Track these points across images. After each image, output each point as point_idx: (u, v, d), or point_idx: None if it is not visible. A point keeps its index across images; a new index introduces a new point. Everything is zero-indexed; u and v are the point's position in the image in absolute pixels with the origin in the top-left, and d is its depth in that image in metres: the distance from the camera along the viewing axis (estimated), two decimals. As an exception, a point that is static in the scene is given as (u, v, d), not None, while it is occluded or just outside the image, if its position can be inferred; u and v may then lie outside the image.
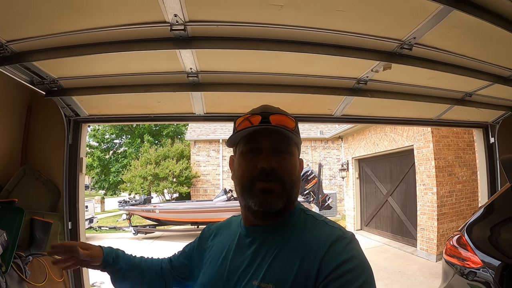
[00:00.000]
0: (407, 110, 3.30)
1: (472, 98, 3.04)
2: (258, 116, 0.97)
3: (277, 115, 0.98)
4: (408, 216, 8.22)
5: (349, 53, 1.98)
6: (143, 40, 1.80)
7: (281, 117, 0.98)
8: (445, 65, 2.23)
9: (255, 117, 0.98)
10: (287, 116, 1.00)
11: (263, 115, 0.97)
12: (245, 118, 0.99)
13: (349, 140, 11.79)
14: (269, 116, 0.97)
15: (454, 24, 1.73)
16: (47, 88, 2.36)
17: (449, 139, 7.15)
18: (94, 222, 12.40)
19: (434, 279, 5.58)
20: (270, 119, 0.96)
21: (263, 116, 0.97)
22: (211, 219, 10.78)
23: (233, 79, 2.43)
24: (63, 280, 2.68)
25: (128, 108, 2.87)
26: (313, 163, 16.32)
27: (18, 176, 2.51)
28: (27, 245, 2.41)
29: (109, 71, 2.25)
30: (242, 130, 0.96)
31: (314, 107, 3.06)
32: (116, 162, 20.45)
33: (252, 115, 0.99)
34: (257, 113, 0.99)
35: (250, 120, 0.98)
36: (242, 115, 1.02)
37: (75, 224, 2.84)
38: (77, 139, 2.86)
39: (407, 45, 1.93)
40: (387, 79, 2.54)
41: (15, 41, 1.76)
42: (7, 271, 2.06)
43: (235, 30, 1.78)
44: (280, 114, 0.99)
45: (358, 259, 0.84)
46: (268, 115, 0.97)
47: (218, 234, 1.13)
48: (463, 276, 2.56)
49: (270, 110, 1.00)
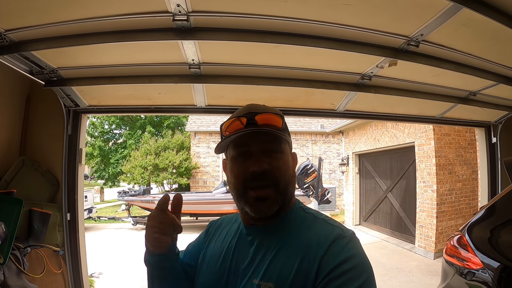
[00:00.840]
0: (410, 107, 3.28)
1: (477, 97, 3.03)
2: (244, 118, 0.94)
3: (263, 114, 0.95)
4: (407, 213, 8.22)
5: (354, 48, 1.96)
6: (145, 30, 1.77)
7: (267, 116, 0.95)
8: (451, 63, 2.20)
9: (241, 119, 0.94)
10: (274, 114, 0.96)
11: (249, 116, 0.94)
12: (231, 122, 0.96)
13: (350, 134, 11.76)
14: (255, 116, 0.94)
15: (463, 22, 1.71)
16: (47, 78, 2.33)
17: (450, 137, 7.12)
18: (93, 212, 12.41)
19: (431, 276, 5.61)
20: (256, 120, 0.93)
21: (248, 117, 0.94)
22: (210, 211, 10.83)
23: (235, 71, 2.40)
24: (62, 271, 2.68)
25: (129, 99, 2.84)
26: (313, 157, 16.31)
27: (17, 166, 2.50)
28: (25, 237, 2.41)
29: (109, 61, 2.21)
30: (228, 136, 0.94)
31: (317, 102, 3.03)
32: (116, 153, 20.44)
33: (238, 118, 0.95)
34: (242, 115, 0.95)
35: (237, 122, 0.95)
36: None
37: (74, 215, 2.83)
38: (77, 130, 2.83)
39: (414, 41, 1.90)
40: (391, 75, 2.51)
41: (14, 30, 1.73)
42: (5, 263, 2.06)
43: (239, 22, 1.75)
44: (266, 113, 0.96)
45: (358, 258, 0.82)
46: (254, 115, 0.94)
47: (219, 231, 1.11)
48: (462, 276, 2.56)
49: (255, 110, 0.97)
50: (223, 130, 0.97)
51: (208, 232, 1.16)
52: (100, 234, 10.46)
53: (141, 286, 5.53)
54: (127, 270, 6.50)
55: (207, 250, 1.08)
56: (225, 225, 1.12)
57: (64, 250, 2.74)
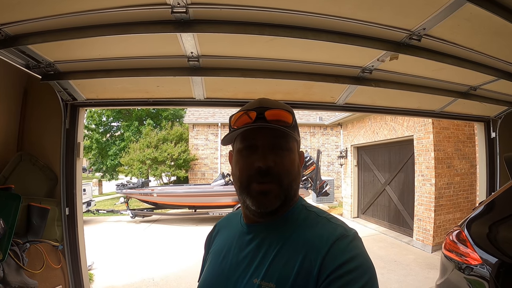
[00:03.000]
0: (410, 101, 3.27)
1: (477, 92, 3.02)
2: (253, 112, 0.94)
3: (274, 109, 0.94)
4: (405, 206, 8.24)
5: (355, 41, 1.94)
6: (143, 23, 1.74)
7: (277, 112, 0.94)
8: (452, 58, 2.19)
9: (250, 113, 0.94)
10: (284, 110, 0.96)
11: (258, 110, 0.94)
12: (240, 115, 0.95)
13: (348, 127, 11.74)
14: (265, 111, 0.93)
15: (465, 17, 1.69)
16: (43, 72, 2.30)
17: (449, 131, 7.11)
18: (92, 205, 12.40)
19: (429, 270, 5.64)
20: (265, 115, 0.93)
21: (258, 112, 0.93)
22: (208, 203, 10.86)
23: (235, 64, 2.38)
24: (61, 266, 2.68)
25: (127, 92, 2.82)
26: (312, 149, 16.36)
27: (14, 162, 2.48)
28: (24, 232, 2.40)
29: (107, 55, 2.19)
30: (237, 129, 0.93)
31: (317, 95, 3.02)
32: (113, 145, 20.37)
33: (247, 111, 0.95)
34: (252, 109, 0.95)
35: (246, 116, 0.94)
36: (242, 101, 0.98)
37: (72, 210, 2.83)
38: (74, 124, 2.81)
39: (416, 36, 1.88)
40: (392, 69, 2.50)
41: (9, 24, 1.70)
42: (5, 259, 2.05)
43: (239, 14, 1.72)
44: (276, 108, 0.95)
45: (361, 258, 0.81)
46: (264, 110, 0.93)
47: (221, 231, 1.11)
48: (461, 270, 2.57)
49: (266, 105, 0.96)
50: (232, 123, 0.97)
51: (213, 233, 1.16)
52: (99, 227, 10.48)
53: (140, 278, 5.56)
54: (126, 262, 6.53)
55: (212, 249, 1.08)
56: (230, 222, 1.11)
57: (63, 245, 2.74)
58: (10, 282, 2.07)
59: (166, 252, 7.34)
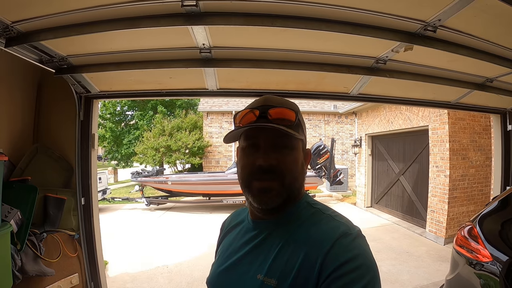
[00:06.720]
0: (425, 91, 3.21)
1: (493, 84, 2.94)
2: (257, 110, 0.94)
3: (277, 108, 0.94)
4: (419, 197, 8.16)
5: (369, 32, 1.90)
6: (153, 17, 1.74)
7: (281, 110, 0.94)
8: (468, 49, 2.13)
9: (254, 112, 0.94)
10: (288, 108, 0.95)
11: (262, 109, 0.94)
12: (245, 113, 0.96)
13: (363, 116, 11.59)
14: (268, 109, 0.93)
15: (482, 8, 1.64)
16: (57, 66, 2.33)
17: (465, 121, 6.93)
18: (107, 193, 12.66)
19: (441, 262, 5.59)
20: (269, 113, 0.93)
21: (261, 110, 0.93)
22: (222, 191, 10.94)
23: (247, 55, 2.36)
24: (77, 255, 2.75)
25: (139, 84, 2.84)
26: (326, 137, 16.25)
27: (30, 154, 2.54)
28: (41, 222, 2.47)
29: (119, 48, 2.20)
30: (239, 128, 0.94)
31: (330, 85, 2.99)
32: (128, 134, 20.63)
33: (251, 110, 0.95)
34: (256, 107, 0.95)
35: (249, 115, 0.95)
36: (255, 91, 0.98)
37: (88, 200, 2.89)
38: (89, 116, 2.86)
39: (431, 27, 1.83)
40: (407, 60, 2.45)
41: (21, 21, 1.73)
42: (22, 249, 2.12)
43: (249, 6, 1.70)
44: (279, 107, 0.95)
45: (363, 258, 0.80)
46: (267, 108, 0.93)
47: (229, 227, 1.12)
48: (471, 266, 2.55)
49: (270, 103, 0.96)
50: (237, 121, 0.97)
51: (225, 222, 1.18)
52: (114, 215, 10.70)
53: (154, 265, 5.68)
54: (141, 250, 6.67)
55: (222, 244, 1.10)
56: (239, 217, 1.12)
57: (79, 234, 2.81)
58: (28, 271, 2.14)
59: (180, 240, 7.46)
